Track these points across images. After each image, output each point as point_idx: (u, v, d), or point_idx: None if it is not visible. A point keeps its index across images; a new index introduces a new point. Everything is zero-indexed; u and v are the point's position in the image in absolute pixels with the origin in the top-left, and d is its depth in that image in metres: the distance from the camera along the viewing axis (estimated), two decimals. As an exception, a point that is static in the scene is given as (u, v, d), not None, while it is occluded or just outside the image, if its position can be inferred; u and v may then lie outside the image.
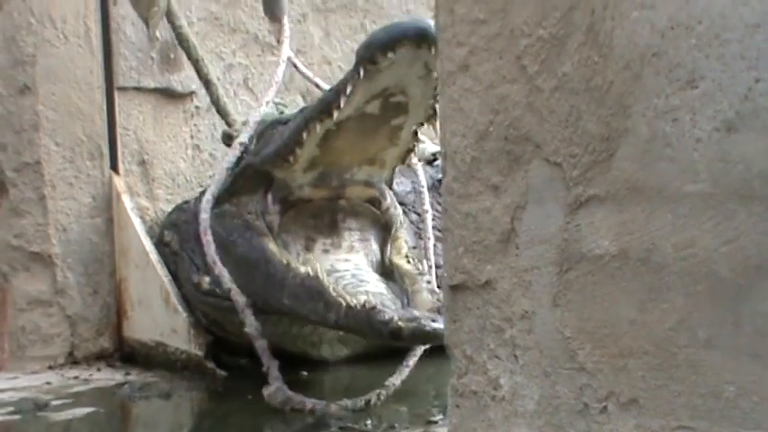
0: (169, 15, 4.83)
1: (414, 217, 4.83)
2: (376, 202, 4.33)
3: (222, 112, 5.02)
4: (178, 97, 5.25)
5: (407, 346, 3.87)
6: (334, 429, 3.76)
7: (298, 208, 4.30)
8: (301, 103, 5.74)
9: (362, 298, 3.80)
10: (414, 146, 4.20)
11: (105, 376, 4.85)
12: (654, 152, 2.04)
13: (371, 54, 3.70)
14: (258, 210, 4.34)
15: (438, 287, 4.03)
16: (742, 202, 1.92)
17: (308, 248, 4.17)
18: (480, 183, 2.35)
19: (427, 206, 4.79)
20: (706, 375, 2.00)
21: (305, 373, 4.59)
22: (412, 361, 4.20)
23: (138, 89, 5.15)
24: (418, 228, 4.78)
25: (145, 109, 5.22)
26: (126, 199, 5.07)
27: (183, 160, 5.33)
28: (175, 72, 5.10)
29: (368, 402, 3.98)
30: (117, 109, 5.15)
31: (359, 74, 3.75)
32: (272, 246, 4.27)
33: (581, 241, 2.18)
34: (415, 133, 4.09)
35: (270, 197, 4.31)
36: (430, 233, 4.70)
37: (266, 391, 4.06)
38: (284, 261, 4.19)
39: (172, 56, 4.97)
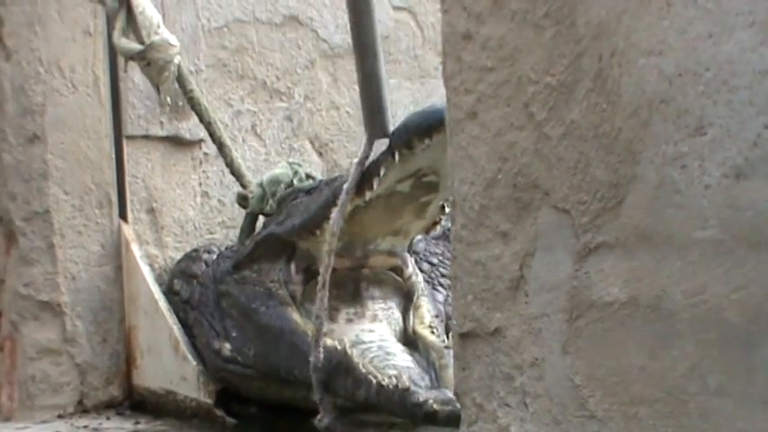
0: (180, 80, 4.83)
1: (426, 266, 4.82)
2: (398, 270, 4.32)
3: (236, 174, 5.00)
4: (186, 145, 5.24)
5: (442, 427, 3.83)
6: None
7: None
8: (310, 150, 5.75)
9: (392, 372, 3.77)
10: (440, 219, 4.20)
11: (115, 425, 4.84)
12: (663, 199, 2.04)
13: (407, 139, 3.68)
14: (281, 278, 4.34)
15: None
16: (752, 248, 1.92)
17: (331, 318, 4.13)
18: (489, 230, 2.35)
19: None
20: (717, 424, 1.99)
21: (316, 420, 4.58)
22: None
23: (146, 137, 5.15)
24: (430, 277, 4.77)
25: (153, 157, 5.22)
26: (135, 247, 5.06)
27: (191, 207, 5.33)
28: (183, 120, 5.11)
29: None
30: (125, 157, 5.14)
31: (393, 157, 3.75)
32: (295, 316, 4.26)
33: (590, 288, 2.18)
34: (443, 207, 4.08)
35: (293, 266, 4.32)
36: None
37: (320, 424, 3.97)
38: (309, 333, 4.18)
39: (180, 104, 4.97)
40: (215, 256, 4.87)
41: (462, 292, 2.42)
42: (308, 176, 4.74)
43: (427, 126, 3.62)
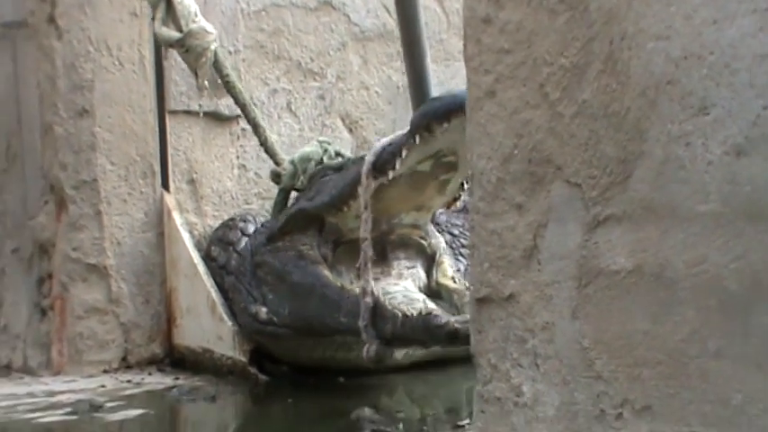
0: (216, 65, 4.84)
1: (447, 237, 4.82)
2: (421, 237, 4.35)
3: (270, 152, 5.00)
4: (225, 120, 5.26)
5: (465, 346, 3.84)
6: (367, 432, 3.77)
7: (349, 244, 4.31)
8: (341, 127, 5.75)
9: (418, 306, 3.82)
10: (460, 195, 4.22)
11: (156, 380, 4.86)
12: (668, 174, 2.04)
13: (428, 123, 3.71)
14: (312, 242, 4.37)
15: None
16: (750, 221, 1.91)
17: (359, 277, 4.16)
18: (505, 202, 2.35)
19: None
20: (715, 384, 1.99)
21: (341, 379, 4.59)
22: None
23: (187, 112, 5.17)
24: (451, 247, 4.77)
25: (194, 131, 5.23)
26: (176, 215, 5.08)
27: (229, 179, 5.34)
28: (223, 97, 5.12)
29: None
30: (168, 131, 5.16)
31: (414, 139, 3.77)
32: (326, 271, 4.31)
33: (599, 258, 2.18)
34: (462, 185, 4.10)
35: (323, 236, 4.35)
36: None
37: (368, 354, 3.98)
38: (339, 284, 4.23)
39: (219, 81, 4.98)
40: (251, 229, 4.90)
41: (479, 259, 2.42)
42: (338, 154, 4.76)
43: (446, 110, 3.64)
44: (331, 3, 5.73)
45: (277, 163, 4.94)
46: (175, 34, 4.71)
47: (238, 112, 5.11)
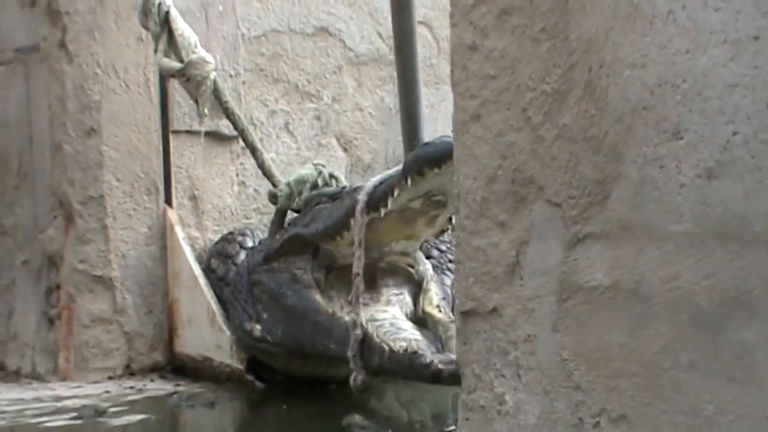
0: (216, 93, 4.85)
1: (435, 253, 4.81)
2: (410, 265, 4.36)
3: (267, 174, 5.00)
4: (226, 140, 5.25)
5: (447, 386, 3.82)
6: (358, 437, 3.76)
7: (340, 269, 4.31)
8: (336, 146, 5.75)
9: (403, 344, 3.80)
10: (448, 227, 4.23)
11: (157, 386, 4.85)
12: (643, 195, 2.04)
13: (419, 167, 3.70)
14: (306, 266, 4.38)
15: None
16: (720, 241, 1.92)
17: (350, 303, 4.15)
18: (489, 220, 2.35)
19: None
20: (688, 395, 1.99)
21: (333, 386, 4.58)
22: None
23: (190, 132, 5.16)
24: (439, 262, 4.76)
25: (196, 150, 5.23)
26: (178, 229, 5.07)
27: (229, 195, 5.33)
28: (223, 118, 5.12)
29: None
30: (171, 150, 5.15)
31: (407, 181, 3.78)
32: (318, 297, 4.29)
33: (578, 274, 2.18)
34: (450, 218, 4.10)
35: (316, 262, 4.36)
36: None
37: (355, 382, 3.96)
38: (330, 311, 4.22)
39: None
40: (249, 243, 4.91)
41: (464, 274, 2.42)
42: (331, 176, 4.75)
43: (437, 157, 3.64)
44: (327, 29, 5.73)
45: (274, 184, 4.94)
46: (176, 65, 4.73)
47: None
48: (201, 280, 4.91)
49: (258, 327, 4.51)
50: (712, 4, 1.91)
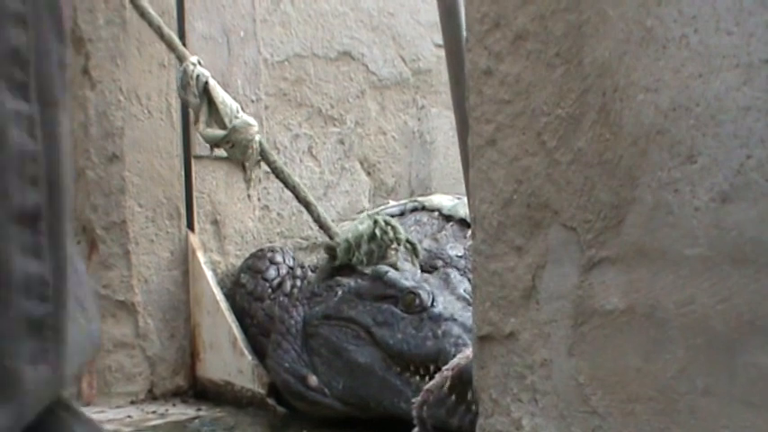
0: (263, 154, 4.87)
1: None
2: None
3: (324, 227, 5.01)
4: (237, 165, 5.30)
5: None
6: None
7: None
8: (359, 170, 5.76)
9: None
10: None
11: (179, 411, 4.86)
12: (658, 219, 2.03)
13: None
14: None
15: None
16: (735, 265, 1.91)
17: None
18: (505, 245, 2.35)
19: None
20: (704, 420, 1.98)
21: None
22: None
23: (211, 158, 5.20)
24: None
25: (218, 175, 5.26)
26: (200, 254, 5.10)
27: (251, 219, 5.36)
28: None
29: None
30: (193, 175, 5.19)
31: None
32: (384, 355, 4.29)
33: (594, 298, 2.17)
34: None
35: None
36: None
37: None
38: (398, 369, 4.21)
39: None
40: (278, 260, 4.95)
41: (481, 299, 2.42)
42: (387, 224, 4.74)
43: None
44: (350, 53, 5.76)
45: (330, 236, 4.93)
46: (220, 132, 4.76)
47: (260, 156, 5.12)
48: (223, 304, 4.94)
49: (315, 378, 4.47)
50: (724, 27, 1.90)
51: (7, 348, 1.16)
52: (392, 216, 5.05)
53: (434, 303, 4.29)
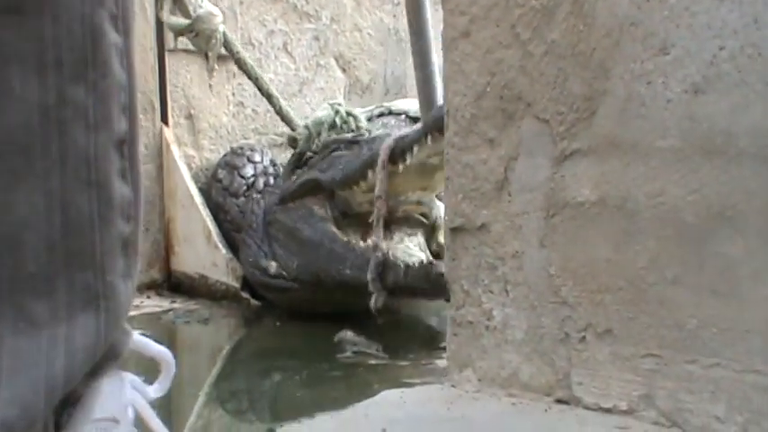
0: (227, 45, 4.84)
1: None
2: (424, 213, 4.41)
3: (286, 120, 5.01)
4: (222, 59, 5.23)
5: None
6: (349, 353, 3.78)
7: (355, 217, 4.37)
8: (335, 67, 5.73)
9: (417, 259, 3.97)
10: None
11: (154, 303, 4.88)
12: (630, 111, 2.03)
13: (440, 126, 3.73)
14: (323, 204, 4.42)
15: None
16: (706, 156, 1.91)
17: (363, 240, 4.23)
18: (478, 137, 2.34)
19: None
20: (672, 310, 2.00)
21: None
22: None
23: (186, 51, 5.14)
24: None
25: (192, 69, 5.21)
26: (174, 148, 5.08)
27: (225, 115, 5.33)
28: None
29: None
30: (167, 69, 5.15)
31: (426, 139, 3.87)
32: (334, 228, 4.37)
33: (565, 190, 2.18)
34: None
35: (332, 204, 4.41)
36: None
37: (376, 304, 4.02)
38: (345, 239, 4.29)
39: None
40: (256, 159, 4.96)
41: (453, 191, 2.42)
42: (349, 114, 4.74)
43: None
44: (327, -52, 5.70)
45: (292, 128, 4.94)
46: (184, 21, 4.73)
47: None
48: (198, 199, 4.93)
49: (274, 264, 4.55)
50: None
51: (109, 264, 1.25)
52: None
53: (371, 134, 4.45)
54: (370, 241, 4.13)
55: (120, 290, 1.27)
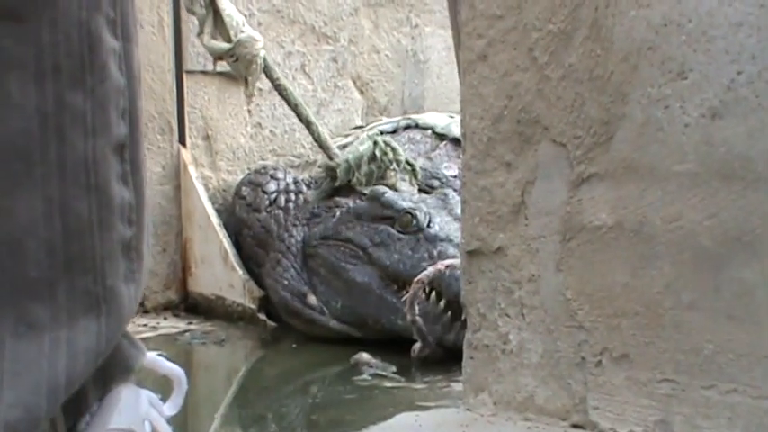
0: (267, 71, 4.81)
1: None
2: None
3: (324, 147, 4.96)
4: (239, 80, 5.25)
5: None
6: (365, 375, 3.77)
7: None
8: (352, 88, 5.74)
9: None
10: None
11: (170, 324, 4.88)
12: (647, 135, 2.04)
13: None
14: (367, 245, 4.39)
15: None
16: (724, 181, 1.91)
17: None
18: (495, 160, 2.35)
19: None
20: (688, 334, 1.99)
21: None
22: None
23: (204, 73, 5.15)
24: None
25: (210, 90, 5.23)
26: (192, 169, 5.08)
27: (242, 136, 5.34)
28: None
29: None
30: (185, 90, 5.16)
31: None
32: (380, 273, 4.30)
33: (582, 214, 2.18)
34: None
35: None
36: None
37: (421, 354, 3.96)
38: (395, 288, 4.20)
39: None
40: (280, 176, 4.93)
41: (470, 214, 2.42)
42: (387, 144, 4.72)
43: None
44: (344, -30, 5.72)
45: (330, 157, 4.89)
46: (225, 45, 4.69)
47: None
48: (215, 219, 4.94)
49: (313, 297, 4.48)
50: (718, -58, 1.90)
51: (109, 268, 1.27)
52: (385, 133, 5.04)
53: (431, 224, 4.31)
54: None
55: (122, 293, 1.28)
